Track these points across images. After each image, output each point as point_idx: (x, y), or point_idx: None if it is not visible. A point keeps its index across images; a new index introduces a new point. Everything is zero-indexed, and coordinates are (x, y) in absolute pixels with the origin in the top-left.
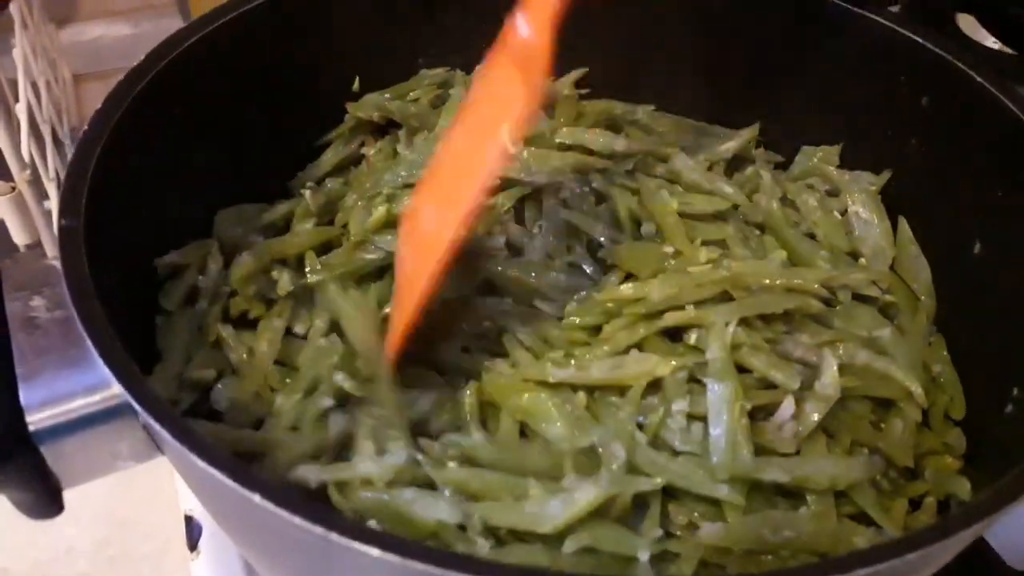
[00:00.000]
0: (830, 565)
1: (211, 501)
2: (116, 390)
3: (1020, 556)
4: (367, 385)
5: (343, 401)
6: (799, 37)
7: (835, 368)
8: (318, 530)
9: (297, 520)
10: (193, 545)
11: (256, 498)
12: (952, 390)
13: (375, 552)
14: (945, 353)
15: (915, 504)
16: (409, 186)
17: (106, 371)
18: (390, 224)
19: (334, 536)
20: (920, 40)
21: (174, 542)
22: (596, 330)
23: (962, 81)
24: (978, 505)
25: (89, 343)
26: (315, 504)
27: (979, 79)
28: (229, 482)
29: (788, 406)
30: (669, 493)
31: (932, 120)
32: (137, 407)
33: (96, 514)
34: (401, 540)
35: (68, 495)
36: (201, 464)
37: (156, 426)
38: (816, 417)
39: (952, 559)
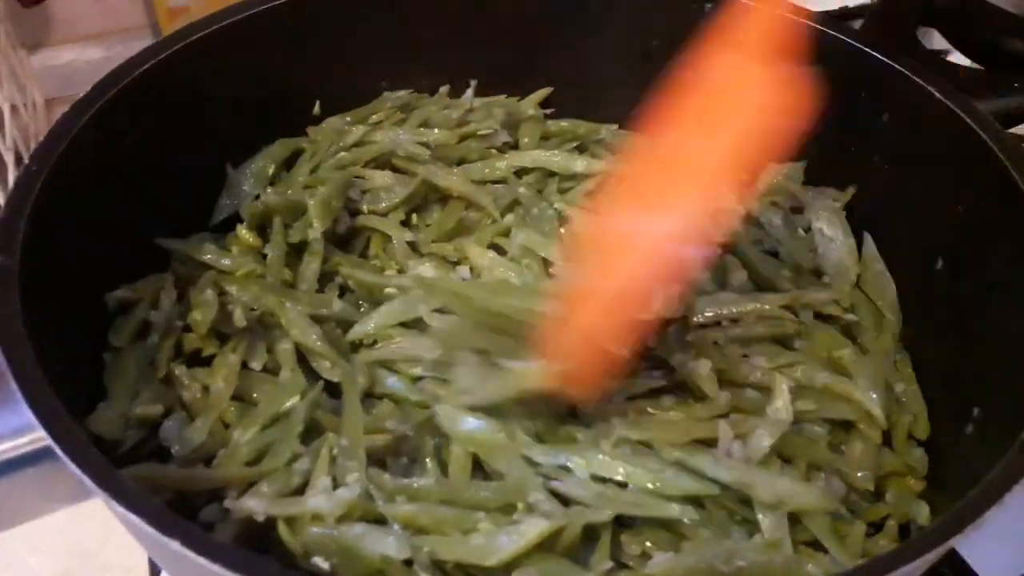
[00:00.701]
0: None
1: (144, 545)
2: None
3: (992, 567)
4: (333, 417)
5: (304, 436)
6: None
7: (787, 392)
8: None
9: (217, 568)
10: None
11: (175, 544)
12: (916, 410)
13: None
14: (910, 371)
15: (878, 526)
16: None
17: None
18: None
19: None
20: (880, 57)
21: (135, 572)
22: None
23: (922, 98)
24: (934, 531)
25: (13, 384)
26: (236, 550)
27: (939, 95)
28: (149, 529)
29: (725, 431)
30: (623, 523)
31: (894, 137)
32: (58, 451)
33: (56, 545)
34: None
35: (28, 526)
36: (121, 509)
37: (77, 471)
38: (767, 442)
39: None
